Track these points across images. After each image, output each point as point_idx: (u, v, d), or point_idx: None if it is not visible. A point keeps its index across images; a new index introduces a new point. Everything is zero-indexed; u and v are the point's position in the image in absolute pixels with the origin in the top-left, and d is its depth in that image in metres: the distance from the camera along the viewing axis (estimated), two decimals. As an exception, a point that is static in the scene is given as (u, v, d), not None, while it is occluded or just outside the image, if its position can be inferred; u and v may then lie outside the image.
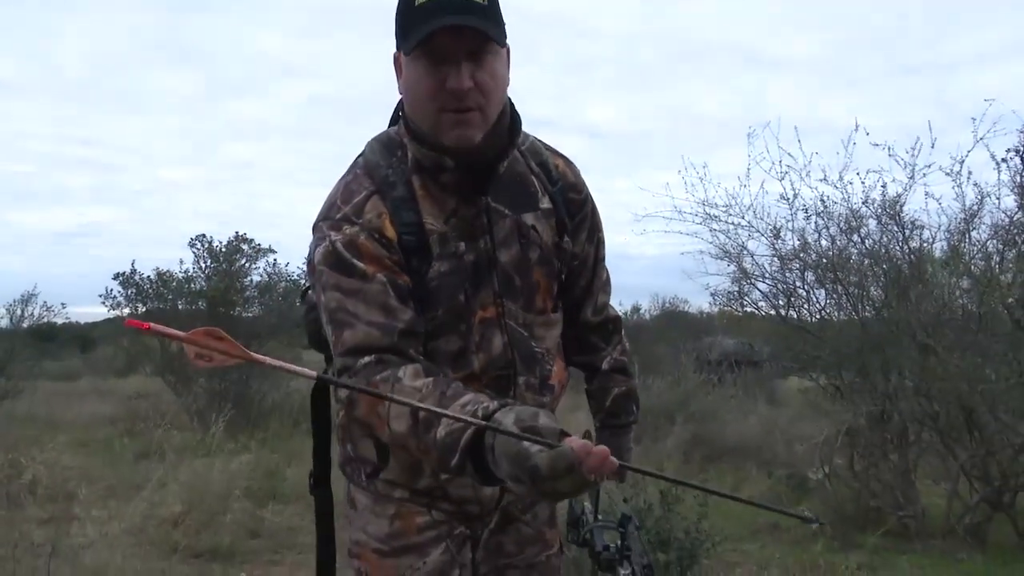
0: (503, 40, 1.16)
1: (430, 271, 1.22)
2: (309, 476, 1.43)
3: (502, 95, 1.21)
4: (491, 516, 1.40)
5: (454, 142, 1.17)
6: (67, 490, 4.65)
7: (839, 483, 4.51)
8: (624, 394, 1.53)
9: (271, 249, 9.08)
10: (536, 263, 1.29)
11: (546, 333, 1.35)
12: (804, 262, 4.60)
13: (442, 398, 1.06)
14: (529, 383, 1.31)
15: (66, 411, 10.03)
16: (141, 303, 8.79)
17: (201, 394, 8.28)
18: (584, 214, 1.38)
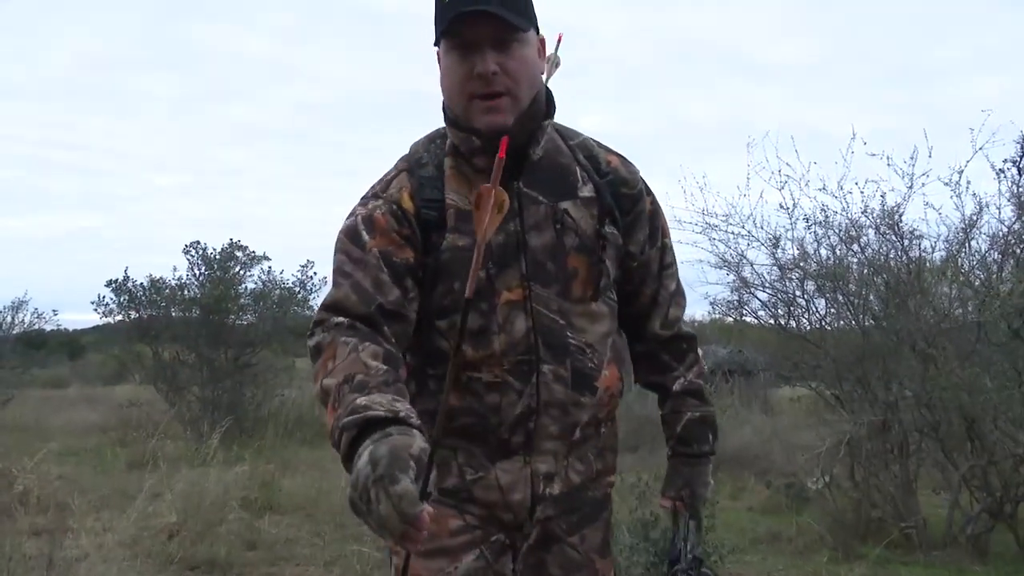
0: (526, 26, 1.21)
1: (443, 243, 1.25)
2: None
3: (532, 79, 1.24)
4: (529, 528, 1.35)
5: (486, 127, 1.22)
6: (59, 500, 4.58)
7: (839, 493, 4.49)
8: (698, 420, 1.45)
9: (265, 256, 9.03)
10: (573, 250, 1.29)
11: (588, 325, 1.30)
12: (804, 271, 4.61)
13: (367, 380, 1.07)
14: (558, 374, 1.27)
15: (56, 419, 9.92)
16: (134, 310, 8.70)
17: (194, 403, 8.21)
18: (639, 211, 1.37)
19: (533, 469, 1.31)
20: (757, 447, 6.89)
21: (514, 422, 1.28)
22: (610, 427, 1.42)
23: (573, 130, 1.39)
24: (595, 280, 1.30)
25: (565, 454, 1.33)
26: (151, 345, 8.84)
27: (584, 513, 1.38)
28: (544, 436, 1.30)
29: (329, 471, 5.44)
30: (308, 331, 1.23)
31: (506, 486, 1.31)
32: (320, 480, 5.18)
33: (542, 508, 1.33)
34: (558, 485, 1.33)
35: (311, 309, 9.09)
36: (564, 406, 1.29)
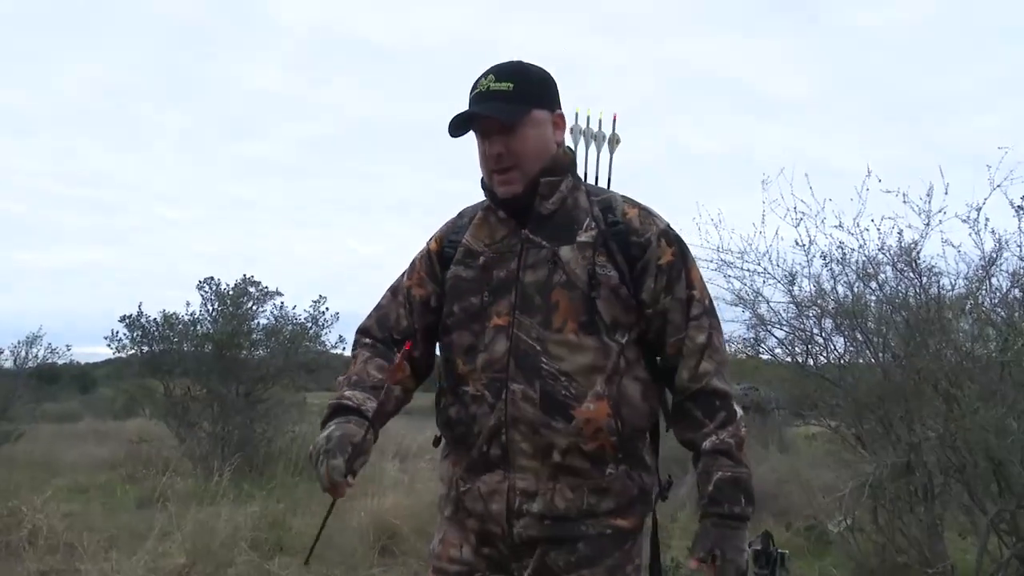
0: (516, 116, 1.45)
1: (448, 273, 1.55)
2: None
3: (539, 152, 1.48)
4: (524, 556, 1.47)
5: (501, 195, 1.51)
6: (68, 540, 4.52)
7: (862, 537, 4.37)
8: (729, 480, 1.45)
9: (278, 292, 9.05)
10: (559, 285, 1.45)
11: (566, 355, 1.43)
12: (821, 309, 4.55)
13: (358, 380, 1.52)
14: (527, 394, 1.43)
15: (66, 454, 9.89)
16: (146, 345, 8.71)
17: (204, 439, 8.16)
18: (647, 259, 1.47)
19: (511, 483, 1.46)
20: (774, 486, 6.75)
21: (489, 434, 1.46)
22: (621, 470, 1.47)
23: (603, 189, 1.64)
24: (579, 314, 1.44)
25: (549, 476, 1.45)
26: (162, 380, 8.84)
27: (581, 553, 1.44)
28: (518, 452, 1.45)
29: (340, 510, 5.37)
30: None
31: (486, 495, 1.48)
32: (331, 520, 5.10)
33: (522, 524, 1.45)
34: (538, 505, 1.45)
35: (323, 344, 9.08)
36: (533, 425, 1.43)
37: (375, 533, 4.73)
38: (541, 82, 1.51)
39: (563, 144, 1.54)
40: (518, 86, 1.46)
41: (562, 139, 1.53)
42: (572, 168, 1.55)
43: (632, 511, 1.50)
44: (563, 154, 1.53)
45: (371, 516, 4.88)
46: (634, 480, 1.50)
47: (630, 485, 1.49)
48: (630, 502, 1.49)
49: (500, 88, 1.46)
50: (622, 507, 1.48)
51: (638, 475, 1.51)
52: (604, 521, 1.46)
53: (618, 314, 1.45)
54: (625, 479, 1.48)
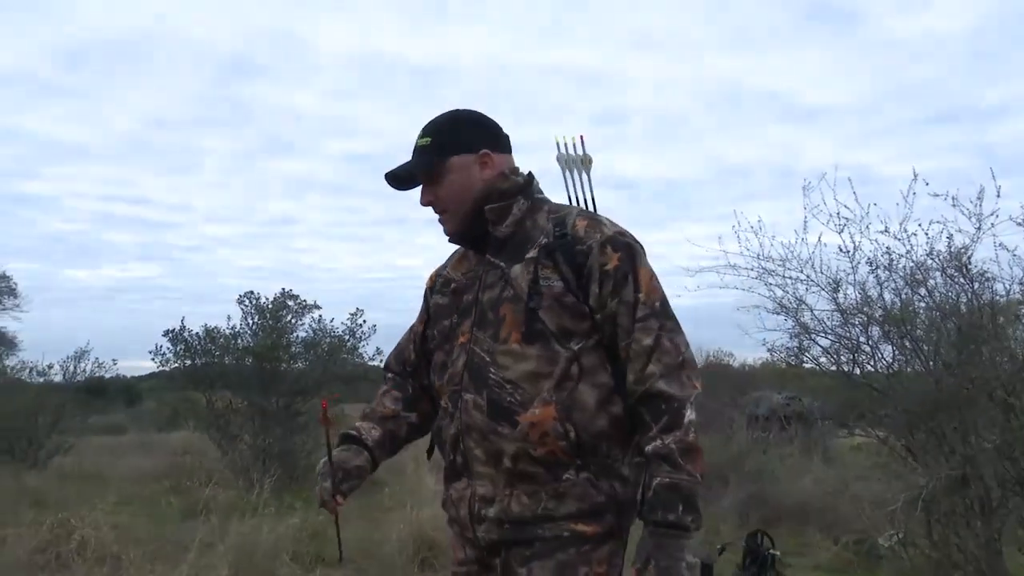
0: (431, 167, 1.59)
1: (431, 301, 1.70)
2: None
3: (465, 193, 1.59)
4: (494, 555, 1.54)
5: (445, 233, 1.66)
6: (114, 552, 4.59)
7: (916, 552, 4.23)
8: (667, 486, 1.40)
9: (316, 305, 9.15)
10: (506, 300, 1.52)
11: (511, 364, 1.49)
12: (868, 316, 4.42)
13: (371, 412, 1.75)
14: (476, 403, 1.51)
15: (113, 467, 10.10)
16: (189, 359, 8.86)
17: (246, 451, 8.26)
18: (591, 265, 1.50)
19: (473, 490, 1.54)
20: (820, 499, 6.59)
21: (452, 443, 1.56)
22: (581, 477, 1.48)
23: (565, 206, 1.68)
24: (521, 324, 1.50)
25: (506, 483, 1.50)
26: (205, 393, 8.99)
27: (536, 549, 1.48)
28: (474, 459, 1.52)
29: (379, 521, 5.37)
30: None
31: (456, 502, 1.58)
32: (371, 531, 5.11)
33: (484, 529, 1.53)
34: (494, 510, 1.51)
35: (360, 357, 9.15)
36: (483, 432, 1.50)
37: (415, 545, 4.73)
38: (457, 130, 1.61)
39: (499, 177, 1.60)
40: (435, 139, 1.60)
41: (492, 175, 1.60)
42: (525, 192, 1.61)
43: (597, 519, 1.48)
44: (505, 181, 1.60)
45: (410, 528, 4.87)
46: (600, 489, 1.48)
47: (593, 493, 1.48)
48: (594, 509, 1.48)
49: (423, 143, 1.61)
50: (583, 513, 1.47)
51: (608, 484, 1.49)
52: (563, 525, 1.47)
53: (566, 322, 1.49)
54: (587, 486, 1.48)
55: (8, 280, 21.22)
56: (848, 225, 4.32)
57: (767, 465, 7.47)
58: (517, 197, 1.60)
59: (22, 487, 6.94)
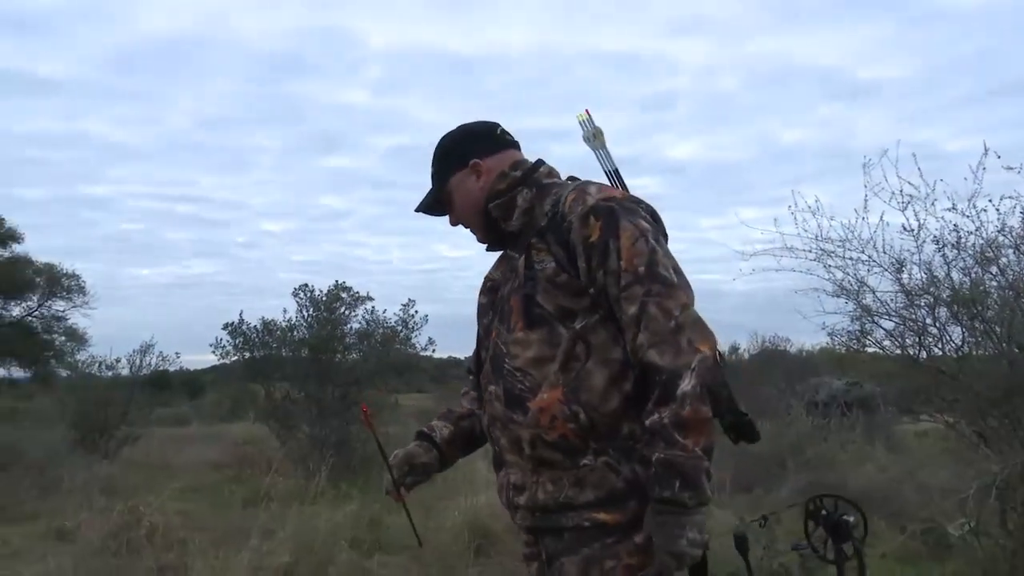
0: (439, 195, 1.67)
1: (477, 303, 1.70)
2: None
3: (471, 205, 1.63)
4: (536, 544, 1.57)
5: (479, 243, 1.70)
6: (181, 537, 4.74)
7: (989, 541, 4.05)
8: (662, 463, 1.33)
9: (368, 296, 9.26)
10: (512, 291, 1.54)
11: (519, 352, 1.49)
12: (935, 297, 4.24)
13: (448, 412, 1.81)
14: (496, 394, 1.54)
15: (178, 457, 10.45)
16: (248, 351, 9.08)
17: (304, 440, 8.43)
18: (574, 241, 1.46)
19: (508, 478, 1.57)
20: (884, 487, 6.39)
21: (488, 434, 1.62)
22: (600, 462, 1.43)
23: (566, 183, 1.62)
24: (522, 312, 1.50)
25: (533, 470, 1.50)
26: (263, 384, 9.20)
27: (566, 541, 1.47)
28: (502, 448, 1.56)
29: (434, 509, 5.42)
30: None
31: (499, 490, 1.62)
32: (426, 519, 5.15)
33: (519, 516, 1.56)
34: (524, 497, 1.52)
35: (413, 347, 9.23)
36: (503, 421, 1.52)
37: (470, 533, 4.75)
38: (445, 154, 1.66)
39: (496, 179, 1.60)
40: (434, 168, 1.68)
41: (489, 180, 1.61)
42: (527, 181, 1.60)
43: (618, 506, 1.42)
44: (502, 181, 1.60)
45: (465, 516, 4.89)
46: (619, 474, 1.42)
47: (612, 478, 1.42)
48: (614, 495, 1.42)
49: (431, 175, 1.69)
50: (602, 501, 1.42)
51: (630, 468, 1.43)
52: (583, 514, 1.44)
53: (563, 302, 1.46)
54: (606, 471, 1.43)
55: (77, 279, 22.12)
56: (912, 203, 4.14)
57: (827, 452, 7.26)
58: (520, 188, 1.59)
59: (94, 476, 7.23)
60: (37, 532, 5.56)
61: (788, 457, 6.95)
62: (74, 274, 22.02)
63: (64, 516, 5.46)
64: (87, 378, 11.72)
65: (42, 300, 22.02)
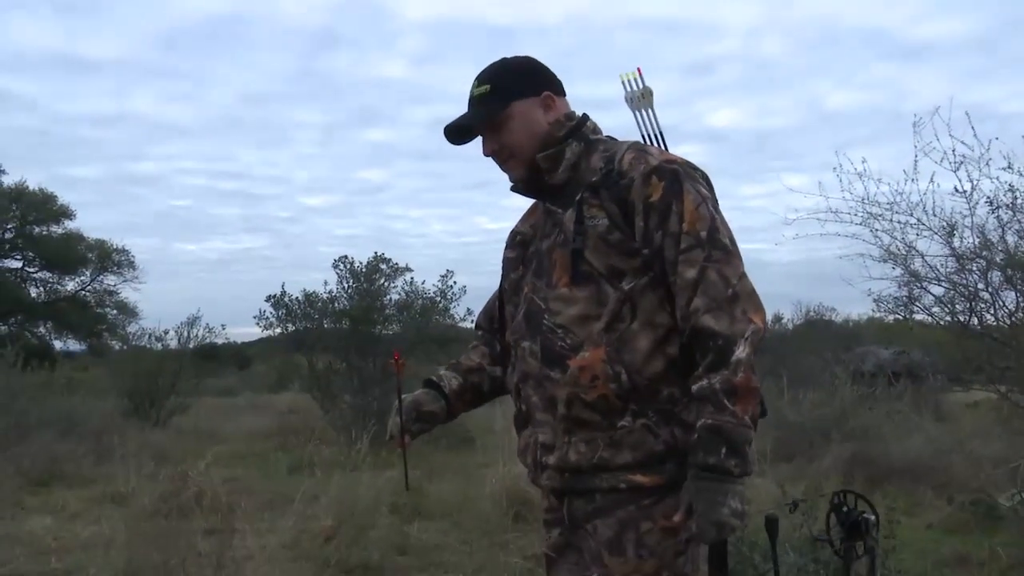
0: (495, 115, 1.55)
1: (503, 257, 1.67)
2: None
3: (532, 137, 1.55)
4: (561, 506, 1.53)
5: (512, 180, 1.62)
6: (228, 503, 4.88)
7: (1041, 512, 3.94)
8: (709, 428, 1.33)
9: (408, 268, 9.32)
10: (557, 245, 1.51)
11: (562, 308, 1.47)
12: (988, 261, 4.09)
13: (456, 363, 1.76)
14: (532, 350, 1.51)
15: (226, 426, 10.76)
16: (291, 323, 9.24)
17: (346, 410, 8.58)
18: (632, 200, 1.45)
19: (535, 438, 1.53)
20: (931, 457, 6.24)
21: (515, 391, 1.58)
22: (638, 424, 1.42)
23: (618, 142, 1.60)
24: (569, 267, 1.47)
25: (565, 430, 1.47)
26: (307, 355, 9.37)
27: (598, 504, 1.46)
28: (533, 407, 1.52)
29: (474, 477, 5.48)
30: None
31: (523, 450, 1.59)
32: (466, 486, 5.23)
33: (546, 476, 1.52)
34: (554, 457, 1.49)
35: (452, 318, 9.29)
36: (538, 379, 1.49)
37: (508, 500, 4.79)
38: (517, 74, 1.58)
39: (556, 123, 1.56)
40: (494, 86, 1.56)
41: (556, 117, 1.57)
42: (577, 134, 1.56)
43: (656, 469, 1.42)
44: (560, 128, 1.55)
45: (503, 484, 4.94)
46: (658, 437, 1.42)
47: (651, 441, 1.42)
48: (651, 458, 1.42)
49: (481, 92, 1.57)
50: (640, 462, 1.42)
51: (668, 431, 1.42)
52: (619, 476, 1.43)
53: (614, 261, 1.44)
54: (644, 434, 1.42)
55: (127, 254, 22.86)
56: (965, 163, 3.99)
57: (872, 422, 7.12)
58: (569, 141, 1.55)
59: (146, 443, 7.49)
60: (93, 496, 5.79)
61: (832, 427, 6.83)
62: (124, 249, 22.77)
63: (118, 481, 5.67)
64: (138, 350, 12.10)
65: (94, 275, 22.85)
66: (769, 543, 1.72)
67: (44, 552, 4.23)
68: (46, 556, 4.15)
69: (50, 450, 6.79)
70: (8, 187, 20.83)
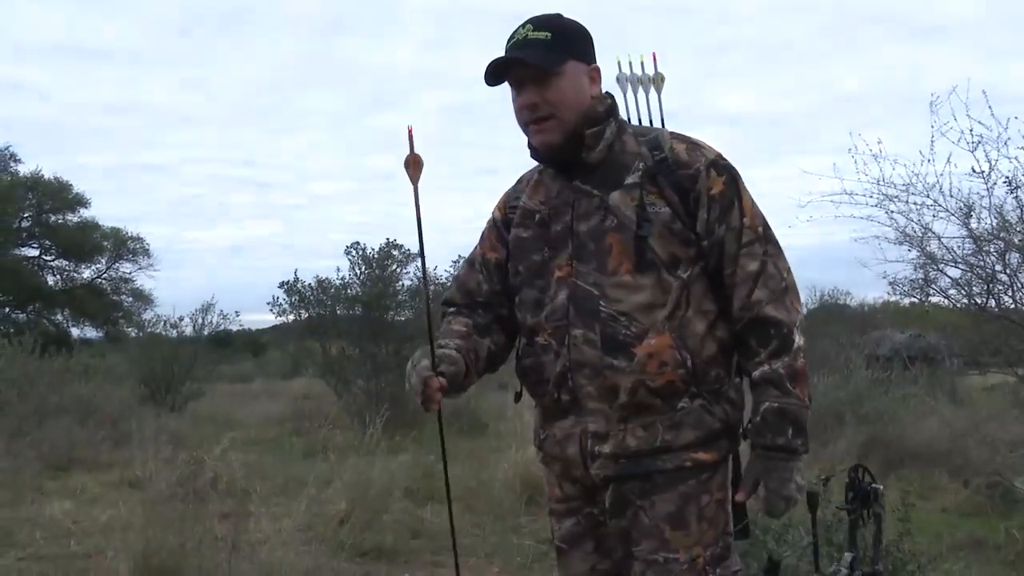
0: (558, 65, 1.46)
1: (510, 236, 1.61)
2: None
3: (575, 103, 1.49)
4: (602, 490, 1.52)
5: (539, 145, 1.53)
6: (243, 487, 4.93)
7: (1058, 496, 3.90)
8: (775, 411, 1.42)
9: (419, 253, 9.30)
10: (611, 230, 1.47)
11: (624, 296, 1.45)
12: (1006, 243, 4.03)
13: (447, 332, 1.60)
14: (588, 338, 1.46)
15: (241, 411, 10.86)
16: (304, 309, 9.28)
17: (360, 395, 8.63)
18: (699, 190, 1.47)
19: (584, 428, 1.50)
20: (947, 441, 6.20)
21: (557, 380, 1.50)
22: (696, 404, 1.47)
23: (651, 128, 1.64)
24: (632, 254, 1.45)
25: (621, 418, 1.47)
26: (320, 341, 9.41)
27: (656, 482, 1.47)
28: (586, 396, 1.48)
29: (487, 462, 5.50)
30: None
31: (561, 440, 1.54)
32: (479, 471, 5.24)
33: (598, 466, 1.50)
34: (609, 446, 1.48)
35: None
36: (596, 368, 1.46)
37: (521, 485, 4.80)
38: (578, 34, 1.53)
39: (597, 99, 1.53)
40: (556, 36, 1.48)
41: (599, 92, 1.54)
42: (613, 113, 1.55)
43: (715, 445, 1.50)
44: (601, 103, 1.53)
45: (516, 469, 4.95)
46: (714, 415, 1.49)
47: (709, 419, 1.49)
48: (711, 435, 1.49)
49: (538, 37, 1.47)
50: (701, 440, 1.48)
51: (721, 409, 1.50)
52: (683, 455, 1.47)
53: (675, 249, 1.47)
54: (702, 413, 1.48)
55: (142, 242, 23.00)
56: (983, 143, 3.92)
57: (887, 406, 7.08)
58: (609, 120, 1.54)
59: (162, 428, 7.56)
60: (111, 480, 5.86)
61: (847, 411, 6.79)
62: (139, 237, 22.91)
63: (135, 466, 5.73)
64: (154, 337, 12.21)
65: (110, 263, 23.02)
66: (810, 516, 1.84)
67: (64, 535, 4.29)
68: (65, 539, 4.21)
69: (69, 435, 6.87)
70: (24, 176, 21.00)
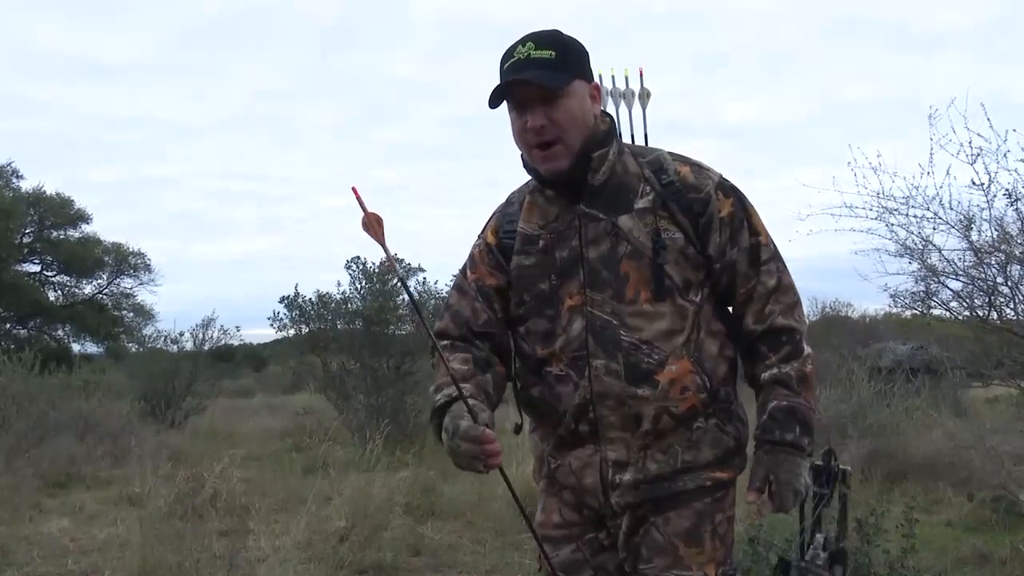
0: (565, 83, 1.41)
1: (511, 263, 1.53)
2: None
3: (581, 124, 1.44)
4: (619, 516, 1.51)
5: (545, 172, 1.48)
6: (243, 503, 4.90)
7: (1064, 510, 3.87)
8: (784, 409, 1.44)
9: (420, 268, 9.31)
10: (625, 257, 1.44)
11: (644, 324, 1.43)
12: (1006, 255, 4.01)
13: (453, 372, 1.43)
14: (610, 368, 1.43)
15: (242, 426, 10.81)
16: (304, 324, 9.26)
17: (360, 410, 8.59)
18: (710, 214, 1.46)
19: (603, 457, 1.48)
20: (951, 454, 6.16)
21: (576, 411, 1.47)
22: (711, 424, 1.47)
23: (649, 148, 1.61)
24: (649, 282, 1.43)
25: (642, 445, 1.46)
26: (320, 356, 9.38)
27: (670, 501, 1.48)
28: (607, 426, 1.46)
29: (488, 478, 5.46)
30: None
31: (578, 470, 1.51)
32: (479, 487, 5.21)
33: (618, 495, 1.48)
34: (630, 473, 1.47)
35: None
36: (620, 398, 1.43)
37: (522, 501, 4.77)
38: (580, 52, 1.48)
39: (598, 118, 1.50)
40: (560, 54, 1.43)
41: (599, 111, 1.51)
42: (614, 133, 1.54)
43: (731, 463, 1.52)
44: (603, 123, 1.50)
45: (517, 485, 4.89)
46: (728, 433, 1.51)
47: (724, 438, 1.50)
48: (727, 454, 1.51)
49: (542, 56, 1.41)
50: (720, 459, 1.50)
51: (734, 427, 1.52)
52: (702, 475, 1.48)
53: (688, 274, 1.47)
54: (716, 432, 1.49)
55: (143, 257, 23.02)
56: (982, 155, 3.92)
57: (890, 419, 7.04)
58: (611, 140, 1.51)
59: (162, 444, 7.53)
60: (110, 497, 5.83)
61: (849, 423, 6.76)
62: (140, 252, 22.94)
63: (134, 482, 5.70)
64: (154, 352, 12.18)
65: (111, 278, 23.04)
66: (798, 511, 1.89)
67: (61, 554, 4.27)
68: (63, 558, 4.18)
69: (68, 452, 6.85)
70: (26, 192, 21.05)
